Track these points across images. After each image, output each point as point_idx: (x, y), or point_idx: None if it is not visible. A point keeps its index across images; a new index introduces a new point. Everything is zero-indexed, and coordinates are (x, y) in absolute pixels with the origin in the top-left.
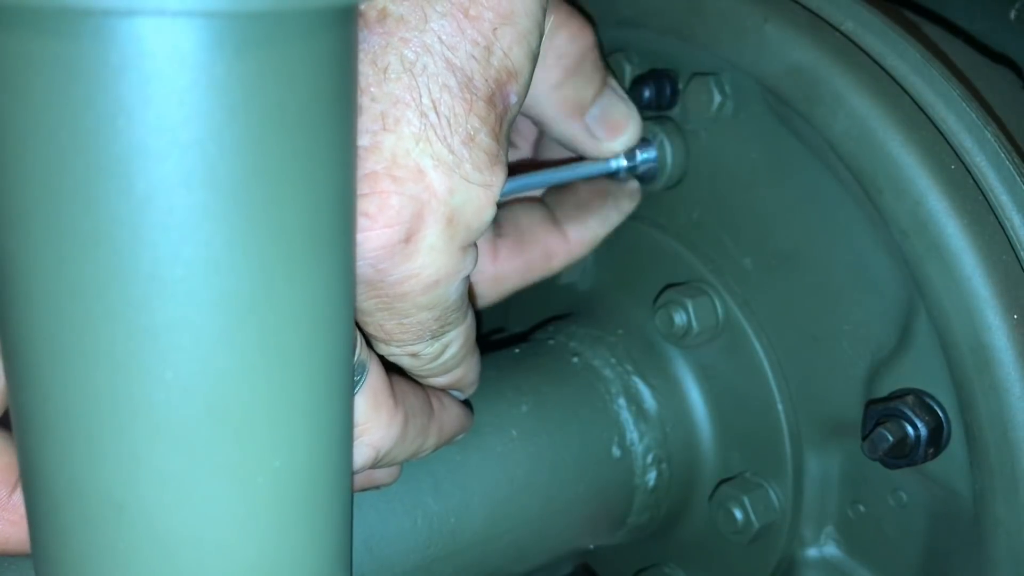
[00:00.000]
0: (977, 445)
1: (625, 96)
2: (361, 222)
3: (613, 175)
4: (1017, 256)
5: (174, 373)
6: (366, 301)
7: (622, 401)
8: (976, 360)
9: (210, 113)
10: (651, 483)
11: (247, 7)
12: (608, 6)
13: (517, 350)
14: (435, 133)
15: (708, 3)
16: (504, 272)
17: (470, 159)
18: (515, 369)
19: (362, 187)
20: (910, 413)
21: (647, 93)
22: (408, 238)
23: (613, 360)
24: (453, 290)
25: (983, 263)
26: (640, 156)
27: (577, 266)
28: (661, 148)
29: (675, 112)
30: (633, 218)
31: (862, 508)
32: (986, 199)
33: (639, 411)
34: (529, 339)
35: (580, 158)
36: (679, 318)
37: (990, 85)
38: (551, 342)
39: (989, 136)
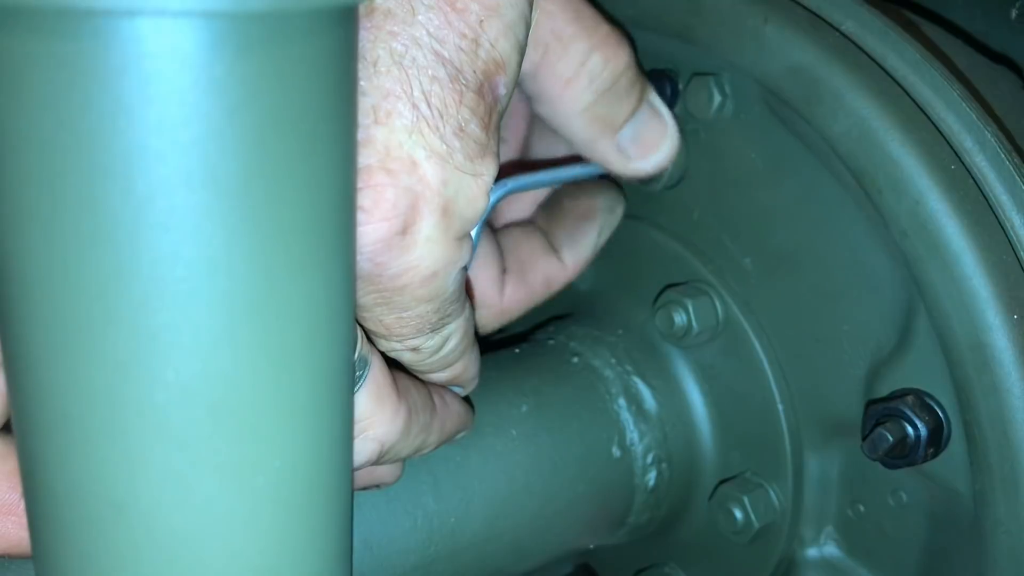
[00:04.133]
0: (977, 445)
1: (663, 112)
2: (362, 205)
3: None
4: (1017, 256)
5: (175, 373)
6: (365, 296)
7: (622, 401)
8: (976, 360)
9: (210, 113)
10: (651, 483)
11: (247, 7)
12: (608, 6)
13: (517, 350)
14: (427, 125)
15: (708, 4)
16: (510, 306)
17: (462, 150)
18: (515, 369)
19: (361, 171)
20: (910, 413)
21: None
22: (405, 230)
23: (613, 360)
24: (451, 281)
25: (983, 263)
26: None
27: None
28: None
29: (675, 112)
30: (633, 218)
31: (862, 508)
32: (986, 199)
33: (639, 411)
34: (529, 339)
35: (579, 157)
36: (679, 318)
37: (990, 85)
38: (551, 342)
39: (989, 136)
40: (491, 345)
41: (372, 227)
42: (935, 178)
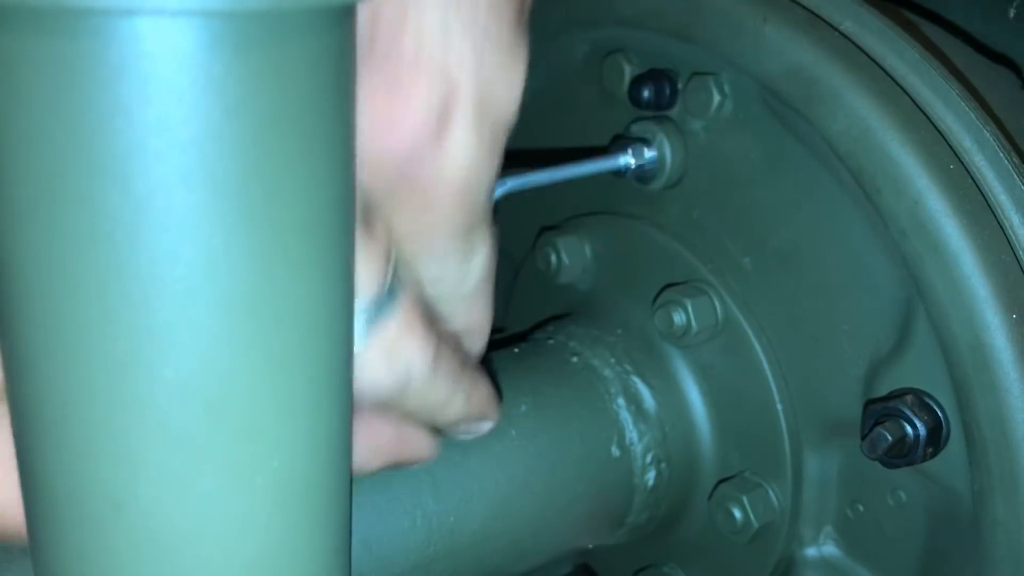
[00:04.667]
0: (976, 445)
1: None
2: (392, 113)
3: (619, 175)
4: (1016, 256)
5: (174, 372)
6: (394, 197)
7: (621, 401)
8: (975, 360)
9: (209, 112)
10: (650, 483)
11: (246, 7)
12: (608, 6)
13: (516, 350)
14: (458, 24)
15: (707, 3)
16: None
17: (494, 50)
18: (514, 369)
19: (388, 78)
20: (909, 413)
21: (647, 93)
22: (440, 126)
23: (612, 360)
24: (482, 189)
25: (982, 263)
26: (647, 155)
27: (577, 265)
28: (660, 148)
29: (675, 112)
30: (633, 218)
31: (861, 508)
32: (985, 199)
33: (638, 411)
34: (529, 339)
35: (583, 157)
36: (678, 318)
37: (990, 85)
38: (550, 342)
39: (988, 136)
40: (491, 345)
41: (408, 124)
42: (934, 178)
